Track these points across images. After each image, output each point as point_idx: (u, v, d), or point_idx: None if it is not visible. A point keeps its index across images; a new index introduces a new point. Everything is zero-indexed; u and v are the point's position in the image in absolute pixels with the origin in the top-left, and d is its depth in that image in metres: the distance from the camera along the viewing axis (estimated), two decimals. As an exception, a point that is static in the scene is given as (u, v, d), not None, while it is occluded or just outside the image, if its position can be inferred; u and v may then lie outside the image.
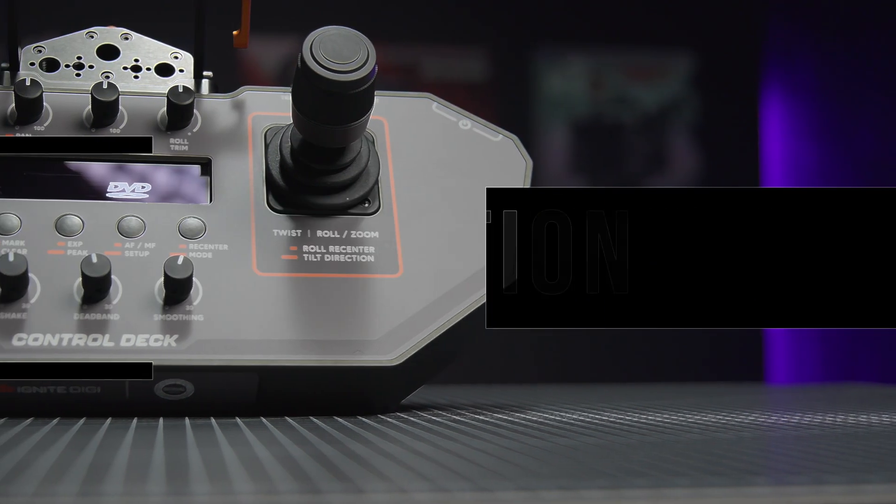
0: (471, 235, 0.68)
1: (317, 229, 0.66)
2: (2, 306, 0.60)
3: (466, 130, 0.72)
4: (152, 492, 0.36)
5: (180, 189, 0.67)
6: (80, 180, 0.67)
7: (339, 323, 0.63)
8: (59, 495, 0.35)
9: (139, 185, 0.67)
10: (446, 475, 0.40)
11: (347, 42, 0.62)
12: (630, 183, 2.54)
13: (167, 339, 0.61)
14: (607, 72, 2.58)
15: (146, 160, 0.67)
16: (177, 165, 0.67)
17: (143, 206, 0.65)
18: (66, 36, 0.71)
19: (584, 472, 0.41)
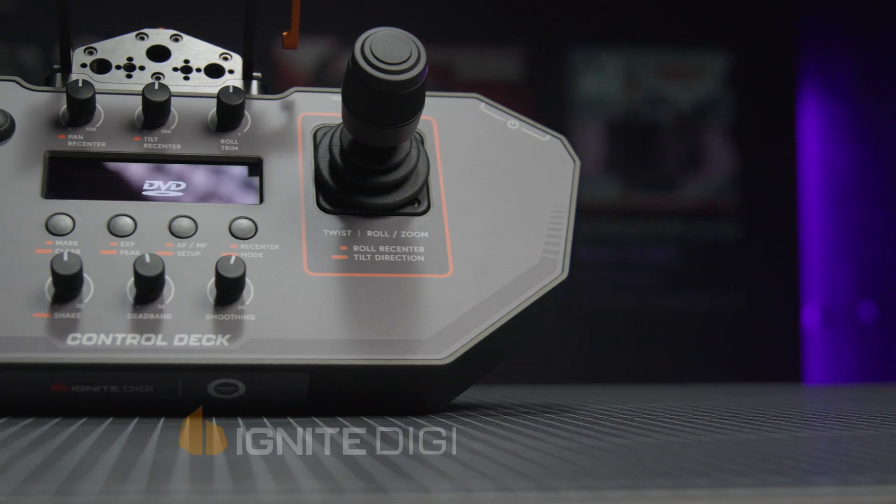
0: (520, 235, 0.68)
1: (367, 229, 0.66)
2: (56, 306, 0.61)
3: (515, 130, 0.72)
4: (220, 490, 0.36)
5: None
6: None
7: (390, 322, 0.63)
8: (127, 493, 0.35)
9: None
10: (508, 474, 0.40)
11: (398, 42, 0.62)
12: (665, 183, 2.54)
13: (219, 338, 0.61)
14: (642, 72, 2.58)
15: (198, 160, 0.68)
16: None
17: (195, 206, 0.66)
18: (116, 38, 0.72)
19: (644, 471, 0.41)
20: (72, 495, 0.35)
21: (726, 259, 2.54)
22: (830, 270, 2.56)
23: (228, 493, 0.35)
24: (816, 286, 2.56)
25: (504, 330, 0.65)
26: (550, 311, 0.69)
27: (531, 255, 0.67)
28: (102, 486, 0.36)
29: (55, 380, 0.61)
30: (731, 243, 2.54)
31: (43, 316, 0.61)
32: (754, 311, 2.52)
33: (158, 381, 0.61)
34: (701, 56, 2.58)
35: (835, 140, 2.55)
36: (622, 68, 2.56)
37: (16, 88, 0.68)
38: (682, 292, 2.51)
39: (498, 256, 0.67)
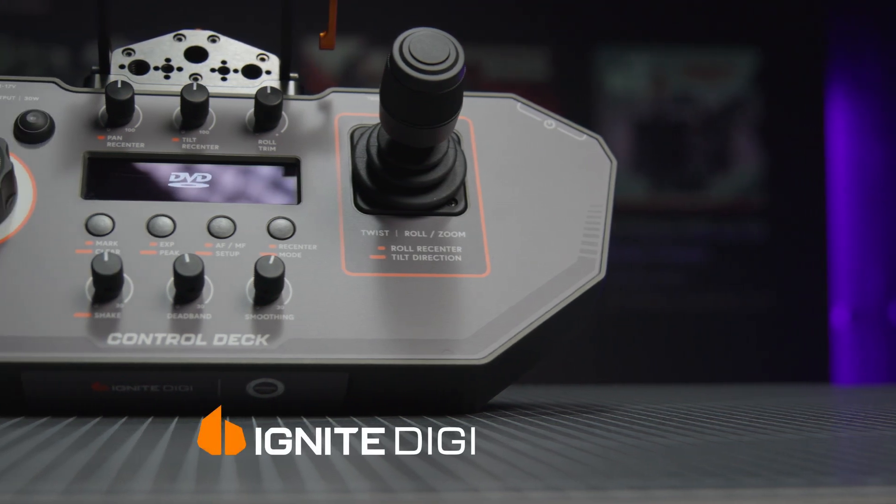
0: (557, 235, 0.68)
1: (404, 229, 0.66)
2: (97, 306, 0.61)
3: (551, 130, 0.72)
4: (270, 489, 0.36)
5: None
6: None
7: (428, 322, 0.63)
8: (178, 493, 0.36)
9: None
10: (555, 474, 0.40)
11: (437, 42, 0.62)
12: (693, 183, 2.53)
13: (258, 338, 0.62)
14: (670, 71, 2.57)
15: (236, 161, 0.68)
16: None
17: (233, 206, 0.66)
18: (154, 39, 0.72)
19: (692, 471, 0.41)
20: (123, 494, 0.35)
21: (755, 259, 2.53)
22: (859, 270, 2.55)
23: (278, 493, 0.35)
24: (845, 286, 2.55)
25: (542, 330, 0.65)
26: (587, 311, 0.69)
27: (568, 255, 0.67)
28: (153, 486, 0.36)
29: (96, 379, 0.61)
30: (760, 243, 2.53)
31: (84, 316, 0.61)
32: (783, 310, 2.51)
33: (198, 380, 0.62)
34: (729, 55, 2.57)
35: (863, 138, 2.54)
36: (650, 67, 2.55)
37: (55, 90, 0.69)
38: (710, 292, 2.50)
39: (535, 256, 0.67)
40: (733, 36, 2.57)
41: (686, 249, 2.50)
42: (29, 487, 0.35)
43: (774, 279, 2.53)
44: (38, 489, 0.35)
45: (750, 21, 2.55)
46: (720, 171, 2.55)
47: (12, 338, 0.60)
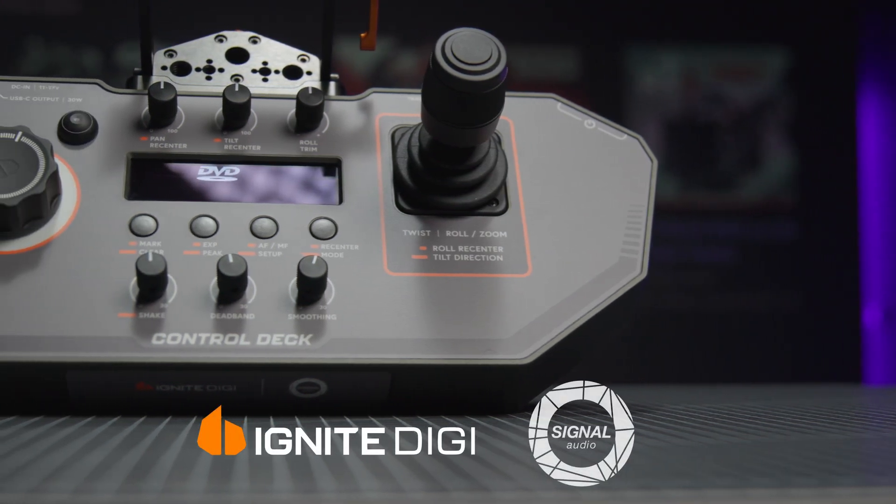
0: (598, 235, 0.68)
1: (446, 229, 0.67)
2: (141, 306, 0.62)
3: (591, 130, 0.72)
4: (325, 488, 0.36)
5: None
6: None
7: (470, 322, 0.64)
8: (233, 492, 0.36)
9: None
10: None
11: (479, 43, 0.62)
12: (723, 182, 2.52)
13: (302, 338, 0.62)
14: (700, 70, 2.56)
15: (277, 161, 0.68)
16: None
17: (276, 206, 0.66)
18: (196, 40, 0.72)
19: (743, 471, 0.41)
20: (178, 493, 0.35)
21: (785, 258, 2.52)
22: (891, 269, 2.54)
23: (332, 492, 0.36)
24: (877, 285, 2.54)
25: (583, 330, 0.65)
26: (628, 311, 0.69)
27: (610, 255, 0.67)
28: (207, 485, 0.37)
29: (140, 379, 0.61)
30: (791, 242, 2.52)
31: (128, 316, 0.61)
32: (814, 310, 2.50)
33: (241, 380, 0.62)
34: (759, 54, 2.56)
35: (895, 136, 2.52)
36: (680, 67, 2.54)
37: (98, 91, 0.69)
38: (740, 292, 2.49)
39: (576, 256, 0.67)
40: (764, 35, 2.56)
41: (716, 249, 2.49)
42: (84, 487, 0.36)
43: (805, 279, 2.52)
44: (94, 488, 0.35)
45: (781, 20, 2.54)
46: (750, 170, 2.54)
47: (57, 338, 0.60)
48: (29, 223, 0.63)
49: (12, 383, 0.60)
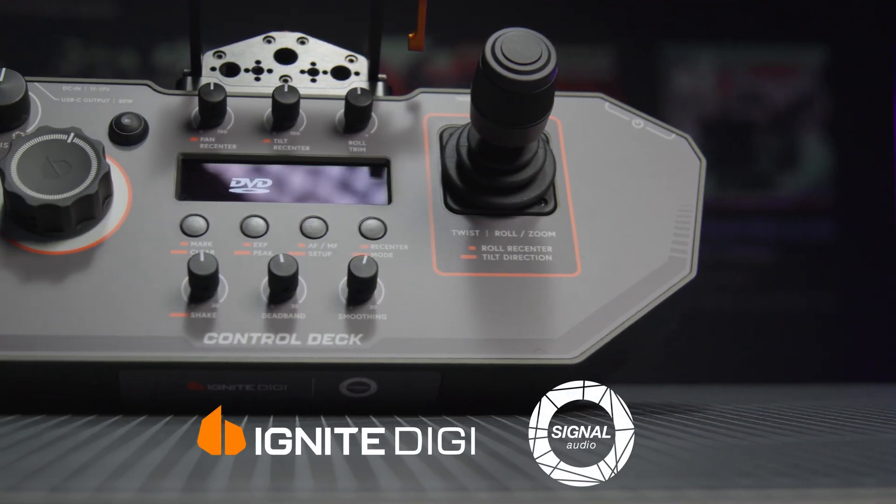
0: (647, 234, 0.67)
1: (494, 229, 0.67)
2: (192, 306, 0.62)
3: (639, 129, 0.72)
4: (387, 487, 0.36)
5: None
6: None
7: (520, 322, 0.64)
8: (297, 490, 0.36)
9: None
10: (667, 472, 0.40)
11: (529, 42, 0.62)
12: (759, 182, 2.51)
13: (352, 338, 0.62)
14: (735, 69, 2.55)
15: (326, 161, 0.68)
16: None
17: (325, 207, 0.66)
18: (244, 41, 0.73)
19: (804, 471, 0.41)
20: (244, 492, 0.35)
21: (823, 258, 2.51)
22: (930, 269, 2.52)
23: (396, 491, 0.36)
24: (916, 285, 2.52)
25: (633, 329, 0.65)
26: (677, 311, 0.68)
27: (659, 254, 0.67)
28: (271, 483, 0.37)
29: (192, 378, 0.62)
30: (828, 242, 2.50)
31: (180, 316, 0.62)
32: (852, 310, 2.49)
33: (292, 380, 0.62)
34: (796, 52, 2.55)
35: (934, 136, 2.51)
36: (715, 65, 2.53)
37: (148, 92, 0.70)
38: (777, 292, 2.48)
39: (625, 255, 0.67)
40: (800, 32, 2.54)
41: (753, 249, 2.48)
42: (148, 485, 0.36)
43: (843, 278, 2.50)
44: (159, 487, 0.36)
45: (817, 17, 2.53)
46: (787, 169, 2.53)
47: (110, 337, 0.61)
48: (81, 224, 0.64)
49: (66, 382, 0.61)
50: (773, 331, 2.46)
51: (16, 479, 0.36)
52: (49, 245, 0.63)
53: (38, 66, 0.63)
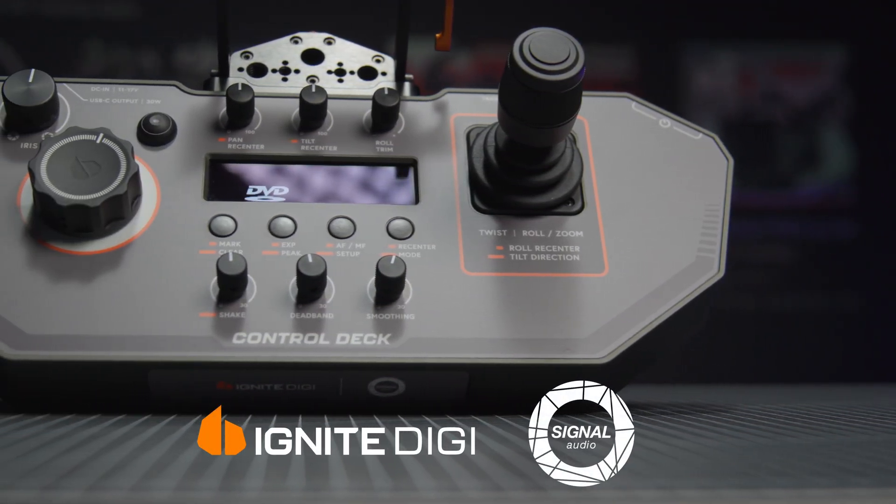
0: (674, 234, 0.67)
1: (522, 229, 0.67)
2: (221, 306, 0.62)
3: (666, 129, 0.72)
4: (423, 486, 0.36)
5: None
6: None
7: (548, 321, 0.64)
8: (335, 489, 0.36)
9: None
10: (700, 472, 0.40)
11: (557, 42, 0.62)
12: (781, 181, 2.51)
13: (380, 337, 0.62)
14: (757, 68, 2.55)
15: (354, 161, 0.68)
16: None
17: (353, 207, 0.66)
18: (271, 42, 0.73)
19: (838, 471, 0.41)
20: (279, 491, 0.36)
21: (844, 257, 2.50)
22: (952, 268, 2.51)
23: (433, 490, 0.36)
24: (938, 285, 2.51)
25: (661, 329, 0.65)
26: (705, 311, 0.68)
27: (686, 254, 0.67)
28: (306, 483, 0.37)
29: (221, 378, 0.62)
30: (850, 241, 2.50)
31: (209, 315, 0.62)
32: (873, 310, 2.48)
33: (321, 379, 0.62)
34: (817, 51, 2.54)
35: (956, 135, 2.50)
36: (736, 64, 2.53)
37: (176, 93, 0.70)
38: (798, 292, 2.48)
39: (653, 255, 0.66)
40: (822, 31, 2.53)
41: (774, 248, 2.48)
42: (184, 484, 0.36)
43: (865, 277, 2.49)
44: (195, 486, 0.36)
45: (838, 16, 2.52)
46: (809, 168, 2.52)
47: (139, 337, 0.61)
48: (111, 224, 0.64)
49: (95, 382, 0.61)
50: (794, 330, 2.45)
51: (53, 478, 0.36)
52: (78, 245, 0.63)
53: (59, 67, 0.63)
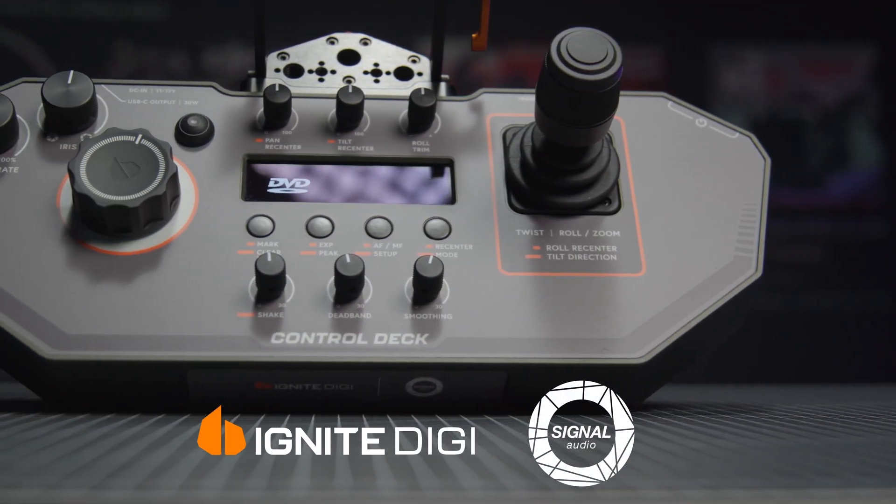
0: (712, 233, 0.67)
1: (559, 229, 0.67)
2: (260, 306, 0.62)
3: (703, 129, 0.71)
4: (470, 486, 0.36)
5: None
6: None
7: (585, 321, 0.63)
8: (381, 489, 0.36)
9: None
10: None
11: (594, 42, 0.62)
12: (810, 181, 2.50)
13: (418, 337, 0.62)
14: (785, 67, 2.54)
15: (390, 162, 0.69)
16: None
17: (389, 207, 0.67)
18: (308, 43, 0.73)
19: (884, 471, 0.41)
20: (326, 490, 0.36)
21: (875, 257, 2.49)
22: (984, 268, 2.49)
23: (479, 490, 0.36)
24: (969, 284, 2.49)
25: (699, 329, 0.64)
26: (743, 310, 0.68)
27: (724, 254, 0.67)
28: (354, 482, 0.37)
29: (259, 378, 0.62)
30: (880, 240, 2.48)
31: (247, 316, 0.62)
32: (904, 310, 2.47)
33: (359, 379, 0.62)
34: (846, 49, 2.53)
35: None
36: (764, 64, 2.52)
37: (213, 94, 0.70)
38: (828, 291, 2.47)
39: (690, 254, 0.66)
40: (851, 29, 2.52)
41: (804, 248, 2.47)
42: (233, 483, 0.36)
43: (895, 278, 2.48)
44: (244, 485, 0.36)
45: (868, 14, 2.51)
46: (838, 168, 2.51)
47: (178, 337, 0.61)
48: (149, 224, 0.64)
49: (134, 382, 0.62)
50: (823, 330, 2.45)
51: (101, 478, 0.36)
52: (117, 245, 0.64)
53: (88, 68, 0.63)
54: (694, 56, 2.49)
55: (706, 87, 2.48)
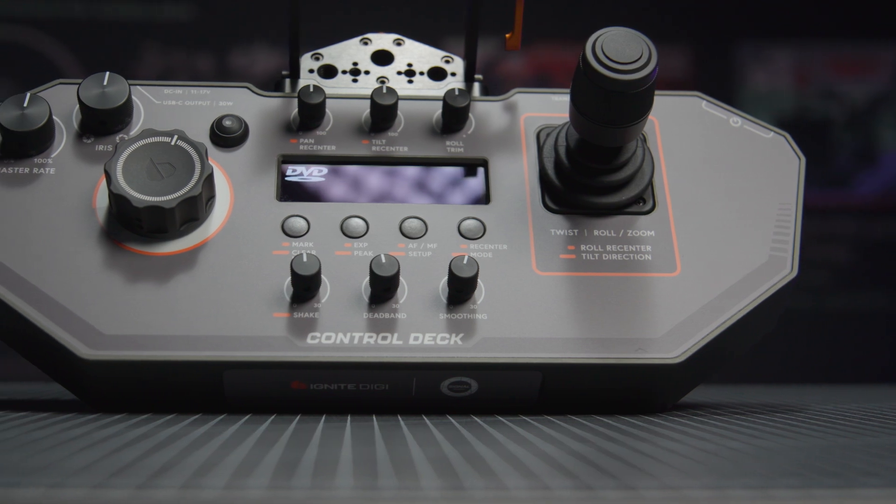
0: (747, 233, 0.67)
1: (593, 229, 0.67)
2: (295, 306, 0.63)
3: (737, 128, 0.71)
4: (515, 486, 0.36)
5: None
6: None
7: (620, 321, 0.63)
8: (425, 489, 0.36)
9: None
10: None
11: (630, 41, 0.62)
12: (838, 180, 2.49)
13: (453, 337, 0.62)
14: (813, 66, 2.53)
15: (425, 162, 0.69)
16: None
17: (424, 207, 0.67)
18: (341, 43, 0.73)
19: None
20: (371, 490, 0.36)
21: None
22: None
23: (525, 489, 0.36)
24: None
25: (735, 328, 0.64)
26: (777, 310, 0.68)
27: (759, 253, 0.66)
28: (398, 482, 0.37)
29: (295, 378, 0.62)
30: (909, 240, 2.47)
31: (283, 316, 0.62)
32: (933, 310, 2.46)
33: (394, 379, 0.63)
34: (874, 48, 2.52)
35: None
36: (792, 63, 2.51)
37: (247, 94, 0.70)
38: (856, 291, 2.46)
39: (725, 254, 0.66)
40: (879, 28, 2.51)
41: (832, 247, 2.46)
42: (274, 483, 0.36)
43: (924, 277, 2.47)
44: (288, 485, 0.36)
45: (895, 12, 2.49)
46: (867, 168, 2.50)
47: (214, 337, 0.61)
48: (185, 225, 0.64)
49: (171, 382, 0.62)
50: (851, 330, 2.44)
51: (144, 477, 0.37)
52: (153, 246, 0.64)
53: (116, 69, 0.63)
54: (721, 55, 2.49)
55: (734, 87, 2.48)
